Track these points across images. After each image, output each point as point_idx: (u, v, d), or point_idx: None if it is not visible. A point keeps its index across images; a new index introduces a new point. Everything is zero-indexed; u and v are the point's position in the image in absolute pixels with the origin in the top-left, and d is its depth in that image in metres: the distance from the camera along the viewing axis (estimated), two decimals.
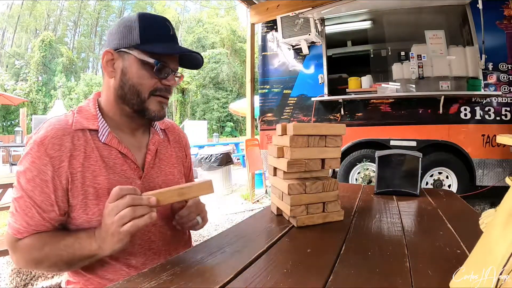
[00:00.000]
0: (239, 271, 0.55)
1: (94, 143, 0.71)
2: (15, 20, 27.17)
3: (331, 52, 4.50)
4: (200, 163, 4.65)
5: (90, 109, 0.75)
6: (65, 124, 0.70)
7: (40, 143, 0.66)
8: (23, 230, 0.67)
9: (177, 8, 34.73)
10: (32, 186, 0.66)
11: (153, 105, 0.75)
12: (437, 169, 3.33)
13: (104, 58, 0.73)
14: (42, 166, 0.66)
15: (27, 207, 0.66)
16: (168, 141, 0.89)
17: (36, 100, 22.38)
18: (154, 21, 0.73)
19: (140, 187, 0.74)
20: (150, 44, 0.71)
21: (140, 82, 0.72)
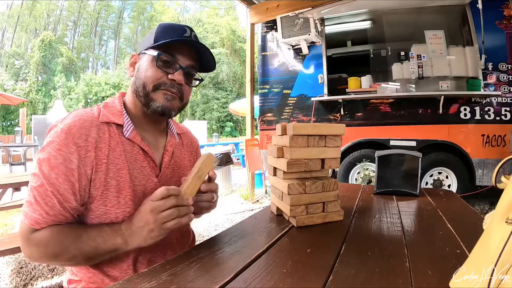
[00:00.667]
0: (239, 271, 0.55)
1: (119, 137, 0.73)
2: (14, 20, 27.16)
3: (331, 52, 4.50)
4: None
5: (116, 105, 0.78)
6: (92, 116, 0.72)
7: (68, 132, 0.67)
8: (41, 221, 0.65)
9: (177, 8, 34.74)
10: (56, 174, 0.65)
11: (158, 97, 0.76)
12: (437, 169, 3.33)
13: (130, 60, 0.82)
14: (68, 154, 0.66)
15: (48, 196, 0.65)
16: (182, 144, 0.92)
17: (36, 100, 22.37)
18: (171, 26, 0.79)
19: (156, 185, 0.77)
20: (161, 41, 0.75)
21: (146, 75, 0.76)
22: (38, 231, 0.65)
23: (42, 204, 0.65)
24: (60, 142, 0.66)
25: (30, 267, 2.10)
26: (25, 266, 2.12)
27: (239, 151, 8.64)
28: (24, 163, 6.12)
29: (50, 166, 0.65)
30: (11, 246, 1.68)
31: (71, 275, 0.77)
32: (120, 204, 0.70)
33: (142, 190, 0.74)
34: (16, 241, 1.76)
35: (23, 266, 2.12)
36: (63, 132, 0.67)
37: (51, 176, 0.65)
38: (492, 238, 0.41)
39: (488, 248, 0.42)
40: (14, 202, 2.70)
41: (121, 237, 0.67)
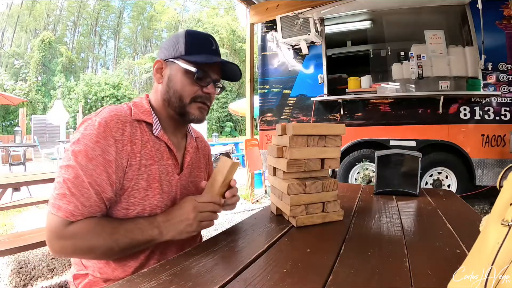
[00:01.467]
0: (239, 271, 0.55)
1: (149, 135, 0.78)
2: (14, 20, 27.14)
3: (331, 52, 4.49)
4: None
5: (144, 105, 0.81)
6: (125, 113, 0.75)
7: (106, 125, 0.69)
8: (77, 213, 0.65)
9: (177, 8, 34.74)
10: (94, 165, 0.66)
11: (194, 109, 0.81)
12: (437, 169, 3.33)
13: (155, 66, 0.82)
14: (107, 147, 0.68)
15: (85, 187, 0.66)
16: (197, 148, 0.97)
17: (36, 100, 22.36)
18: (199, 36, 0.81)
19: (177, 182, 0.82)
20: (193, 55, 0.78)
21: (183, 89, 0.79)
22: (73, 224, 0.65)
23: (78, 195, 0.65)
24: (98, 134, 0.68)
25: (30, 267, 2.10)
26: (24, 266, 2.12)
27: (239, 151, 8.63)
28: (24, 163, 6.12)
29: (87, 157, 0.66)
30: (11, 246, 1.68)
31: (77, 270, 0.78)
32: (148, 197, 0.74)
33: (167, 185, 0.79)
34: (15, 241, 1.76)
35: (22, 266, 2.12)
36: (101, 125, 0.69)
37: (88, 167, 0.66)
38: (488, 239, 0.41)
39: (484, 249, 0.42)
40: (14, 202, 2.70)
41: (158, 228, 0.71)
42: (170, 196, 0.80)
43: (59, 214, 0.65)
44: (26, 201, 2.67)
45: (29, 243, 1.72)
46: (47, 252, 2.34)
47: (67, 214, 0.65)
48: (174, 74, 0.80)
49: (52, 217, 0.66)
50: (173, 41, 0.81)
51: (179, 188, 0.83)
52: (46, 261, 2.20)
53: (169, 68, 0.81)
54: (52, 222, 0.66)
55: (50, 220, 0.66)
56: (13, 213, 3.52)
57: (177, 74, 0.79)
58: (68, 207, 0.65)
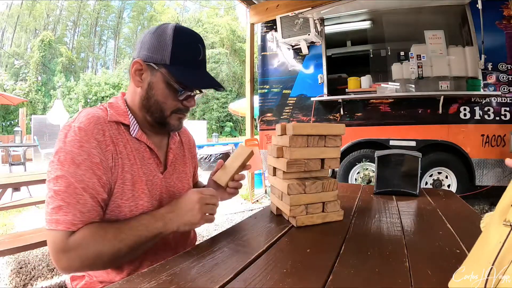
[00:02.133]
0: (239, 271, 0.55)
1: (128, 135, 0.76)
2: (14, 20, 27.12)
3: (331, 52, 4.50)
4: (199, 162, 4.65)
5: (120, 106, 0.78)
6: (101, 115, 0.73)
7: (86, 128, 0.68)
8: (77, 221, 0.63)
9: (177, 8, 34.74)
10: (84, 170, 0.65)
11: (174, 121, 0.80)
12: (437, 169, 3.33)
13: (133, 67, 0.75)
14: (91, 149, 0.67)
15: (78, 194, 0.64)
16: (181, 142, 0.95)
17: (36, 100, 22.35)
18: (188, 42, 0.75)
19: (162, 181, 0.81)
20: (179, 68, 0.73)
21: (164, 101, 0.76)
22: (75, 234, 0.63)
23: (74, 203, 0.64)
24: (81, 139, 0.67)
25: (29, 267, 2.10)
26: (24, 266, 2.12)
27: None
28: (23, 163, 6.12)
29: (75, 164, 0.65)
30: (11, 246, 1.68)
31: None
32: (134, 198, 0.73)
33: (151, 185, 0.77)
34: (15, 241, 1.76)
35: (22, 266, 2.12)
36: (81, 129, 0.68)
37: (78, 173, 0.65)
38: (490, 239, 0.42)
39: (486, 249, 0.42)
40: (13, 202, 2.70)
41: (162, 220, 0.70)
42: (155, 196, 0.78)
43: (59, 228, 0.62)
44: (26, 201, 2.68)
45: (29, 243, 1.73)
46: (47, 252, 2.34)
47: (67, 225, 0.63)
48: (156, 82, 0.75)
49: (52, 234, 0.63)
50: (158, 42, 0.73)
51: (164, 187, 0.81)
52: (46, 261, 2.20)
53: (150, 73, 0.75)
54: (53, 239, 0.63)
55: (51, 237, 0.63)
56: (13, 213, 3.52)
57: (159, 84, 0.75)
58: (66, 218, 0.63)
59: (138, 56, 0.76)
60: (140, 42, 0.77)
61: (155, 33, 0.74)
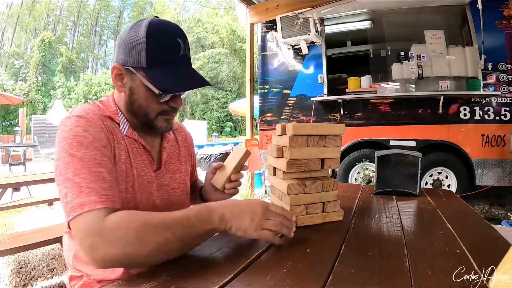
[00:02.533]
0: (239, 271, 0.55)
1: (120, 132, 0.75)
2: (14, 20, 27.12)
3: (331, 52, 4.50)
4: (199, 163, 4.65)
5: (110, 104, 0.77)
6: (97, 108, 0.73)
7: (86, 116, 0.67)
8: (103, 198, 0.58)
9: (177, 8, 34.72)
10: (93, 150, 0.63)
11: (161, 122, 0.77)
12: (437, 169, 3.33)
13: (113, 72, 0.73)
14: (96, 133, 0.66)
15: (95, 172, 0.61)
16: (176, 141, 0.93)
17: (36, 100, 22.36)
18: (163, 40, 0.69)
19: (154, 179, 0.79)
20: (156, 70, 0.69)
21: (147, 105, 0.74)
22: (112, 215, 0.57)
23: (93, 181, 0.59)
24: (84, 124, 0.65)
25: (30, 267, 2.10)
26: (24, 266, 2.12)
27: None
28: (23, 163, 6.12)
29: (83, 146, 0.62)
30: (11, 246, 1.68)
31: (73, 272, 0.77)
32: (127, 189, 0.72)
33: (141, 181, 0.76)
34: (15, 241, 1.76)
35: (22, 266, 2.12)
36: (82, 117, 0.67)
37: (89, 154, 0.62)
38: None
39: None
40: (14, 202, 2.70)
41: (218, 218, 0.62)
42: (145, 193, 0.76)
43: (86, 209, 0.56)
44: (26, 201, 2.68)
45: (29, 243, 1.72)
46: (47, 252, 2.34)
47: (95, 204, 0.57)
48: (136, 87, 0.72)
49: (80, 220, 0.56)
50: (132, 43, 0.69)
51: (156, 185, 0.79)
52: (46, 261, 2.20)
53: (129, 78, 0.72)
54: (83, 224, 0.56)
55: (79, 224, 0.56)
56: (13, 213, 3.52)
57: (139, 88, 0.72)
58: (91, 198, 0.57)
59: (116, 61, 0.73)
60: (117, 46, 0.73)
61: (129, 34, 0.70)
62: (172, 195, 0.85)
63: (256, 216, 0.63)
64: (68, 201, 0.58)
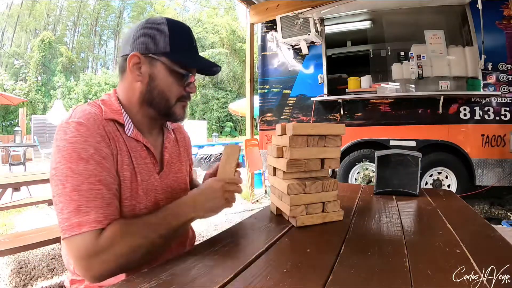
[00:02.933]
0: (239, 271, 0.55)
1: (124, 133, 0.74)
2: (14, 20, 27.11)
3: (331, 52, 4.49)
4: (199, 163, 4.65)
5: (113, 103, 0.76)
6: (97, 112, 0.71)
7: (87, 124, 0.65)
8: (101, 217, 0.60)
9: (177, 8, 34.73)
10: (93, 165, 0.62)
11: (179, 109, 0.79)
12: (437, 169, 3.33)
13: (131, 61, 0.73)
14: (96, 144, 0.65)
15: (95, 189, 0.61)
16: (176, 140, 0.93)
17: (36, 100, 22.35)
18: (182, 30, 0.77)
19: (158, 181, 0.79)
20: (180, 54, 0.75)
21: (169, 89, 0.76)
22: (104, 232, 0.60)
23: (92, 199, 0.60)
24: (84, 133, 0.64)
25: (30, 267, 2.10)
26: (24, 266, 2.12)
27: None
28: (23, 163, 6.12)
29: (83, 160, 0.61)
30: (11, 246, 1.68)
31: (73, 275, 0.77)
32: (132, 197, 0.72)
33: (146, 185, 0.76)
34: (15, 241, 1.76)
35: (22, 266, 2.12)
36: (82, 125, 0.65)
37: (89, 169, 0.61)
38: None
39: None
40: (14, 202, 2.70)
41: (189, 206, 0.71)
42: (150, 197, 0.76)
43: (84, 229, 0.58)
44: (26, 201, 2.68)
45: (29, 243, 1.73)
46: (47, 252, 2.34)
47: (93, 224, 0.59)
48: (158, 73, 0.74)
49: (77, 240, 0.58)
50: (154, 33, 0.73)
51: (160, 188, 0.79)
52: (46, 261, 2.20)
53: (149, 65, 0.74)
54: (79, 245, 0.58)
55: (75, 244, 0.58)
56: (13, 213, 3.52)
57: (161, 73, 0.74)
58: (89, 217, 0.59)
59: (132, 50, 0.73)
60: (132, 38, 0.75)
61: (148, 26, 0.74)
62: (176, 196, 0.83)
63: (217, 194, 0.74)
64: (64, 217, 0.59)
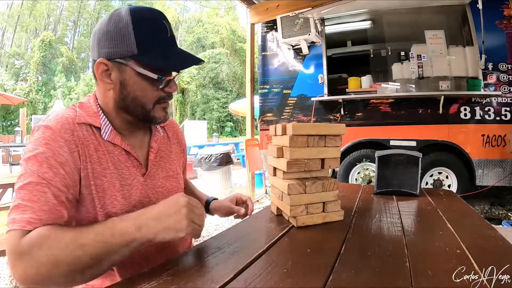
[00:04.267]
0: (239, 271, 0.55)
1: (100, 138, 0.70)
2: (15, 20, 27.14)
3: (331, 52, 4.49)
4: (200, 163, 4.64)
5: (91, 106, 0.72)
6: (71, 116, 0.68)
7: (54, 127, 0.64)
8: (35, 219, 0.55)
9: (177, 8, 34.71)
10: (46, 168, 0.60)
11: (159, 112, 0.73)
12: (437, 169, 3.33)
13: (99, 69, 0.67)
14: (57, 148, 0.62)
15: (39, 190, 0.58)
16: (167, 137, 0.88)
17: (36, 100, 22.38)
18: (150, 23, 0.67)
19: (142, 184, 0.74)
20: (149, 54, 0.66)
21: (143, 95, 0.69)
22: (29, 234, 0.55)
23: (34, 200, 0.57)
24: (47, 137, 0.62)
25: None
26: None
27: (239, 151, 8.63)
28: None
29: (38, 162, 0.60)
30: None
31: None
32: (105, 205, 0.68)
33: (128, 190, 0.71)
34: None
35: None
36: (48, 128, 0.63)
37: (40, 171, 0.59)
38: None
39: None
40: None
41: (133, 223, 0.57)
42: (133, 202, 0.72)
43: (14, 227, 0.55)
44: None
45: None
46: None
47: (23, 224, 0.55)
48: (128, 79, 0.68)
49: (9, 236, 0.55)
50: (118, 32, 0.65)
51: (145, 191, 0.75)
52: None
53: (118, 71, 0.67)
54: (8, 242, 0.55)
55: (8, 239, 0.55)
56: None
57: (132, 79, 0.67)
58: (23, 216, 0.55)
59: (98, 56, 0.67)
60: (97, 40, 0.68)
61: (111, 24, 0.66)
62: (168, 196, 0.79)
63: (181, 210, 0.59)
64: (9, 212, 0.57)
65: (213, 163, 4.57)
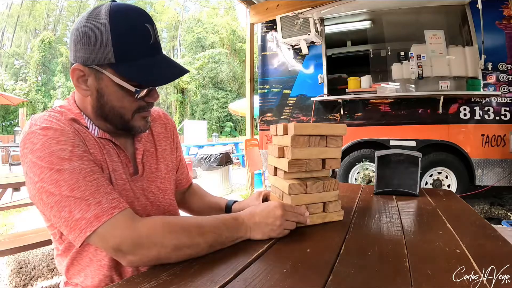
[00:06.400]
0: (239, 271, 0.55)
1: (89, 133, 0.67)
2: (14, 20, 27.11)
3: (331, 52, 4.50)
4: (199, 163, 4.65)
5: (72, 109, 0.69)
6: (58, 115, 0.65)
7: (50, 127, 0.59)
8: (115, 203, 0.57)
9: (177, 8, 34.71)
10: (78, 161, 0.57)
11: (138, 122, 0.71)
12: (437, 169, 3.33)
13: (75, 75, 0.63)
14: (71, 140, 0.59)
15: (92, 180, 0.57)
16: (151, 135, 0.83)
17: (36, 100, 22.35)
18: (130, 28, 0.61)
19: (130, 183, 0.74)
20: (127, 64, 0.61)
21: (121, 106, 0.66)
22: (145, 219, 0.58)
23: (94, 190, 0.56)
24: (53, 135, 0.58)
25: (30, 267, 2.10)
26: (24, 266, 2.12)
27: (239, 151, 8.64)
28: None
29: (65, 159, 0.56)
30: (11, 246, 1.68)
31: (67, 279, 0.76)
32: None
33: (122, 184, 0.70)
34: (15, 241, 1.76)
35: (22, 266, 2.12)
36: (47, 129, 0.58)
37: (75, 165, 0.56)
38: None
39: None
40: (14, 202, 2.70)
41: (243, 226, 0.67)
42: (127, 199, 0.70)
43: (104, 219, 0.55)
44: (26, 201, 2.67)
45: (29, 243, 1.73)
46: (47, 252, 2.34)
47: (110, 211, 0.55)
48: (105, 88, 0.64)
49: (101, 233, 0.55)
50: (94, 37, 0.59)
51: (134, 190, 0.73)
52: (46, 261, 2.20)
53: (95, 79, 0.63)
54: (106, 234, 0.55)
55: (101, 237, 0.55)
56: (13, 213, 3.52)
57: (109, 88, 0.64)
58: (103, 206, 0.56)
59: (75, 60, 0.63)
60: (74, 42, 0.63)
61: (88, 26, 0.60)
62: (154, 200, 0.78)
63: (277, 221, 0.68)
64: (78, 218, 0.54)
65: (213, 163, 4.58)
